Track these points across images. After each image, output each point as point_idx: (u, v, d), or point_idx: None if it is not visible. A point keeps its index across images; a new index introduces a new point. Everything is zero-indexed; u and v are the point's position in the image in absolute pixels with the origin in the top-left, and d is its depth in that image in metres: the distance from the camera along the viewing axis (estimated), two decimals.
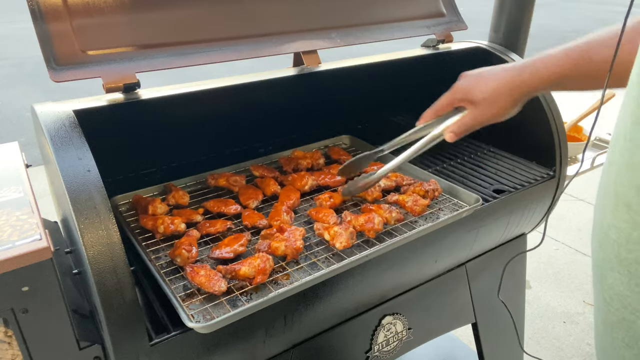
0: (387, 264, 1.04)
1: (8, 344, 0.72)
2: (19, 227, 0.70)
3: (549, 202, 1.37)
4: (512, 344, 1.62)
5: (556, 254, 2.88)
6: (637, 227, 0.49)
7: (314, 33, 1.21)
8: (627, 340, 0.53)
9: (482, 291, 1.38)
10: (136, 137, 1.18)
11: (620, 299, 0.53)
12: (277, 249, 0.93)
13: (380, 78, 1.48)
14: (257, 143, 1.43)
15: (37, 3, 0.90)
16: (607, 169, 0.55)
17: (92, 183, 0.75)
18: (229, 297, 0.84)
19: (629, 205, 0.50)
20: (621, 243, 0.51)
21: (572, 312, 2.44)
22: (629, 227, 0.50)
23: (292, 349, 1.00)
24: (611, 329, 0.56)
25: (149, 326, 0.81)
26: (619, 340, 0.55)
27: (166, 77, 2.50)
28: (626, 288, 0.52)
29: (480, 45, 1.48)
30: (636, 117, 0.48)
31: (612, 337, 0.56)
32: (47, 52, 0.90)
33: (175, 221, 1.00)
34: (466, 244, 1.22)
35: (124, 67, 0.97)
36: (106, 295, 0.70)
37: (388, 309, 1.15)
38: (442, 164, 1.41)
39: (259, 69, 1.28)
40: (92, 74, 0.94)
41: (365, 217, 1.01)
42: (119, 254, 0.72)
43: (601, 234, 0.55)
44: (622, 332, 0.54)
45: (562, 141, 1.33)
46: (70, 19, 0.92)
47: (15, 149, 0.95)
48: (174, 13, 1.05)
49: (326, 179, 1.22)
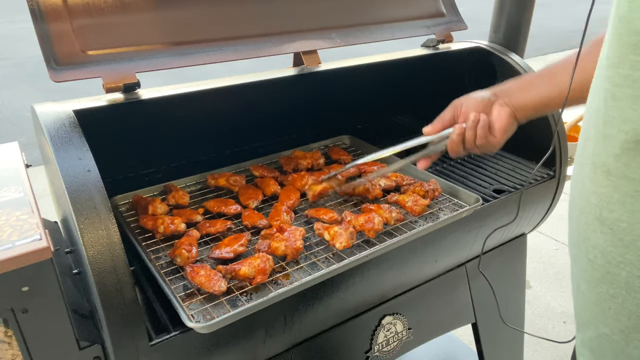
0: (387, 264, 1.04)
1: (8, 344, 0.72)
2: (19, 227, 0.70)
3: (549, 202, 1.37)
4: (512, 344, 1.62)
5: (556, 254, 2.88)
6: (617, 189, 0.55)
7: (314, 33, 1.21)
8: (611, 292, 0.59)
9: (482, 291, 1.37)
10: (136, 137, 1.18)
11: (604, 255, 0.59)
12: (277, 249, 0.93)
13: (380, 78, 1.48)
14: (257, 143, 1.43)
15: (37, 3, 0.90)
16: (582, 145, 0.61)
17: (92, 183, 0.75)
18: (229, 297, 0.84)
19: (608, 172, 0.56)
20: (602, 205, 0.58)
21: (572, 312, 2.44)
22: (610, 191, 0.56)
23: (292, 349, 1.00)
24: (595, 286, 0.61)
25: (149, 326, 0.81)
26: (603, 293, 0.60)
27: (166, 77, 2.50)
28: (609, 244, 0.58)
29: (480, 45, 1.48)
30: (611, 94, 0.54)
31: (596, 292, 0.61)
32: (47, 52, 0.90)
33: (175, 221, 1.00)
34: (466, 244, 1.22)
35: (124, 67, 0.97)
36: (106, 295, 0.70)
37: (388, 309, 1.15)
38: (442, 164, 1.41)
39: (259, 69, 1.28)
40: (92, 74, 0.94)
41: (365, 217, 1.00)
42: (119, 254, 0.72)
43: (582, 202, 0.62)
44: (606, 285, 0.59)
45: (562, 141, 1.33)
46: (70, 19, 0.92)
47: (15, 149, 0.95)
48: (174, 13, 1.05)
49: None
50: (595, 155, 0.58)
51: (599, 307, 0.62)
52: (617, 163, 0.55)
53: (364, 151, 1.41)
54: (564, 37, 7.97)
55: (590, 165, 0.59)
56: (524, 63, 1.40)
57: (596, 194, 0.59)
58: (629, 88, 0.52)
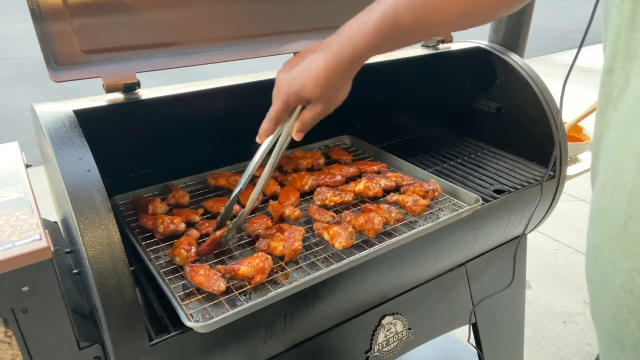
0: (387, 264, 1.04)
1: (8, 344, 0.72)
2: (19, 227, 0.70)
3: (549, 202, 1.37)
4: (512, 344, 1.62)
5: (556, 254, 2.88)
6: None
7: (314, 33, 1.22)
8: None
9: (482, 291, 1.38)
10: (136, 137, 1.18)
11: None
12: (276, 249, 0.93)
13: (380, 78, 1.48)
14: (257, 143, 1.43)
15: (37, 3, 0.90)
16: (624, 135, 0.53)
17: (92, 183, 0.75)
18: (228, 297, 0.84)
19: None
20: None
21: (572, 312, 2.44)
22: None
23: (292, 349, 1.00)
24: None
25: (149, 326, 0.81)
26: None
27: (166, 77, 2.50)
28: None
29: (480, 45, 1.48)
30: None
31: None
32: (47, 52, 0.90)
33: (175, 221, 1.00)
34: (466, 244, 1.22)
35: (124, 67, 0.97)
36: (106, 295, 0.70)
37: (388, 309, 1.15)
38: (442, 164, 1.41)
39: (259, 69, 1.28)
40: (92, 74, 0.94)
41: (365, 217, 1.01)
42: (119, 254, 0.72)
43: (630, 196, 0.51)
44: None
45: (562, 141, 1.33)
46: (71, 19, 0.92)
47: (15, 149, 0.95)
48: (174, 13, 1.05)
49: (326, 179, 1.22)
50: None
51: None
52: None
53: (364, 151, 1.42)
54: (563, 37, 7.97)
55: (632, 157, 0.51)
56: (524, 63, 1.40)
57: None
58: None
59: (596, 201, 0.57)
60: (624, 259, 0.52)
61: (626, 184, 0.51)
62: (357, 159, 1.36)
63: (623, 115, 0.53)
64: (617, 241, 0.53)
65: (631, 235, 0.51)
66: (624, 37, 0.52)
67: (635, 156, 0.50)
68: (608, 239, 0.54)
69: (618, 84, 0.54)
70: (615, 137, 0.54)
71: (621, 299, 0.53)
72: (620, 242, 0.52)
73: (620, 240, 0.52)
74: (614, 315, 0.55)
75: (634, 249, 0.51)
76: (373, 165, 1.28)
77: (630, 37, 0.52)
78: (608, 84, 0.56)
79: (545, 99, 1.33)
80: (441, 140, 1.56)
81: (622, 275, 0.52)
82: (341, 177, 1.22)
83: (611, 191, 0.53)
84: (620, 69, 0.54)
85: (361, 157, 1.38)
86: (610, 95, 0.55)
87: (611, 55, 0.55)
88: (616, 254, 0.53)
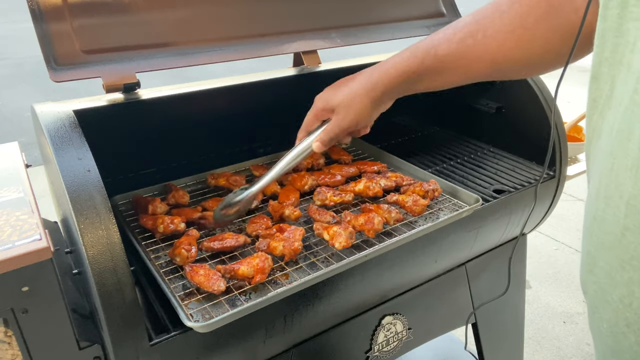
0: (387, 264, 1.04)
1: (8, 344, 0.73)
2: (19, 227, 0.70)
3: (549, 202, 1.37)
4: (512, 344, 1.62)
5: (556, 254, 2.88)
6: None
7: (314, 33, 1.22)
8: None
9: (482, 291, 1.38)
10: (136, 137, 1.18)
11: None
12: (275, 249, 0.93)
13: None
14: (257, 143, 1.43)
15: (37, 3, 0.90)
16: (617, 143, 0.51)
17: (92, 183, 0.75)
18: (228, 297, 0.84)
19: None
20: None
21: (572, 312, 2.44)
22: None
23: (292, 349, 1.00)
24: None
25: (149, 326, 0.81)
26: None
27: (166, 77, 2.50)
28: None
29: None
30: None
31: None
32: (47, 52, 0.90)
33: (175, 221, 1.00)
34: (466, 244, 1.22)
35: (124, 67, 0.97)
36: (106, 295, 0.70)
37: (388, 309, 1.15)
38: (442, 164, 1.41)
39: (259, 69, 1.28)
40: (92, 74, 0.94)
41: (365, 217, 1.00)
42: (119, 254, 0.72)
43: (628, 207, 0.49)
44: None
45: (562, 141, 1.33)
46: (71, 19, 0.92)
47: (15, 149, 0.96)
48: (174, 13, 1.05)
49: (326, 178, 1.22)
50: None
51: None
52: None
53: (364, 151, 1.42)
54: None
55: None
56: None
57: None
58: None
59: (590, 210, 0.56)
60: (622, 272, 0.51)
61: (623, 194, 0.50)
62: (357, 159, 1.36)
63: (612, 122, 0.52)
64: (613, 252, 0.52)
65: (629, 247, 0.49)
66: (610, 43, 0.51)
67: (632, 167, 0.49)
68: (603, 250, 0.53)
69: (604, 91, 0.53)
70: (606, 145, 0.53)
71: (620, 312, 0.52)
72: (618, 253, 0.51)
73: (617, 252, 0.51)
74: (612, 329, 0.53)
75: (633, 261, 0.49)
76: (373, 165, 1.28)
77: (617, 42, 0.50)
78: (593, 90, 0.55)
79: (545, 99, 1.33)
80: (441, 140, 1.56)
81: (621, 288, 0.51)
82: (341, 177, 1.22)
83: (606, 201, 0.52)
84: (607, 75, 0.52)
85: (361, 157, 1.38)
86: (596, 103, 0.54)
87: (596, 61, 0.53)
88: (613, 266, 0.52)
